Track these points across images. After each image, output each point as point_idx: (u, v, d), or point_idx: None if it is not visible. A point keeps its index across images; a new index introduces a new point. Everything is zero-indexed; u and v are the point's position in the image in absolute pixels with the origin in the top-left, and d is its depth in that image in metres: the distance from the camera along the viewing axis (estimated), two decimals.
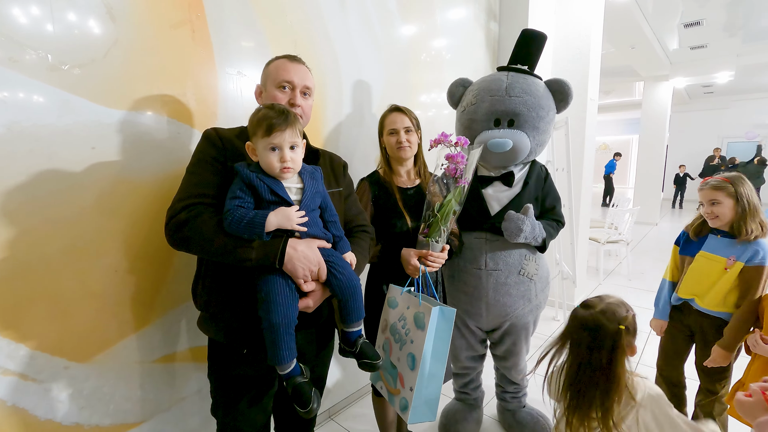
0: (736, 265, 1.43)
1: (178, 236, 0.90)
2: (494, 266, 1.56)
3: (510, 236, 1.48)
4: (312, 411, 0.89)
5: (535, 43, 1.61)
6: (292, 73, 1.06)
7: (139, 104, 1.14)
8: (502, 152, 1.50)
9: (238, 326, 0.99)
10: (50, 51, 0.98)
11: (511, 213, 1.48)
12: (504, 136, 1.49)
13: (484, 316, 1.60)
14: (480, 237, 1.58)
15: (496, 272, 1.56)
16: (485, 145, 1.48)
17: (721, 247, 1.48)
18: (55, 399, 1.06)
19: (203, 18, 1.26)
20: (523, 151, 1.52)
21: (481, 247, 1.57)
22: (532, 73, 1.63)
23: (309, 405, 0.88)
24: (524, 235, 1.46)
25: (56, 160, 1.00)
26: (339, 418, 1.95)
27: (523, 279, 1.57)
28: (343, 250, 1.03)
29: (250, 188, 0.90)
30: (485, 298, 1.57)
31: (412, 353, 1.17)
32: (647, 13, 4.92)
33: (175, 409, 1.33)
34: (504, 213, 1.52)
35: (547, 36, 1.62)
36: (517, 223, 1.45)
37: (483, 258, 1.56)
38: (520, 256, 1.57)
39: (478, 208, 1.56)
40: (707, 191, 1.48)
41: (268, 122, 0.89)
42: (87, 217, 1.07)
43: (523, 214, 1.47)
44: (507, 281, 1.56)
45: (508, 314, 1.59)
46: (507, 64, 1.66)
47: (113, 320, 1.15)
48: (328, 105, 1.71)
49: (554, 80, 1.62)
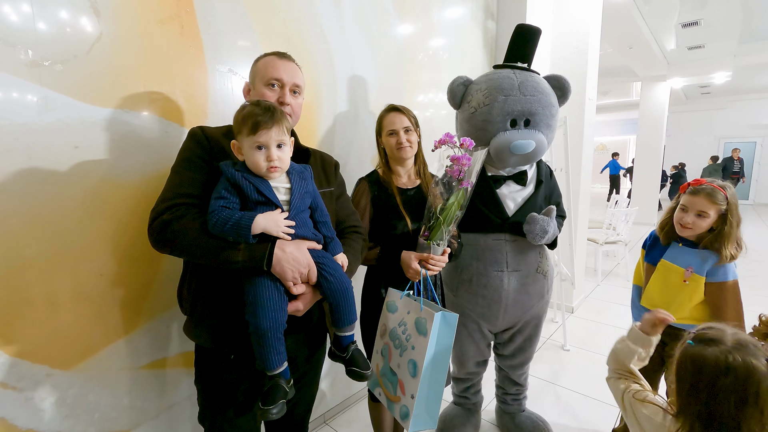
0: (694, 277, 1.30)
1: (162, 238, 0.87)
2: (516, 267, 1.54)
3: (534, 238, 1.46)
4: (267, 414, 0.83)
5: (532, 39, 1.59)
6: (281, 70, 1.02)
7: (126, 102, 1.10)
8: (525, 154, 1.47)
9: (225, 331, 0.95)
10: (31, 46, 0.94)
11: (534, 215, 1.46)
12: (525, 137, 1.46)
13: (501, 318, 1.58)
14: (499, 238, 1.54)
15: (518, 272, 1.55)
16: (509, 147, 1.45)
17: (681, 255, 1.35)
18: (36, 408, 1.02)
19: (192, 13, 1.22)
20: (543, 150, 1.51)
21: (502, 249, 1.54)
22: (531, 69, 1.60)
23: (269, 405, 0.84)
24: (548, 237, 1.46)
25: (37, 159, 0.97)
26: (334, 423, 1.91)
27: (539, 276, 1.58)
28: (334, 251, 1.00)
29: (236, 188, 0.87)
30: (506, 300, 1.55)
31: (414, 360, 1.13)
32: (645, 13, 4.91)
33: (164, 416, 1.29)
34: (520, 212, 1.51)
35: (541, 30, 1.59)
36: (542, 225, 1.44)
37: (504, 259, 1.54)
38: (535, 254, 1.58)
39: (495, 209, 1.53)
40: (699, 199, 1.29)
41: (253, 120, 0.85)
42: (71, 219, 1.03)
43: (546, 215, 1.46)
44: (527, 280, 1.56)
45: (525, 312, 1.59)
46: (505, 61, 1.62)
47: (99, 325, 1.11)
48: (323, 104, 1.68)
49: (553, 76, 1.60)
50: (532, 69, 1.61)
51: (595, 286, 3.91)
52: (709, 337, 0.76)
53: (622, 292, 3.79)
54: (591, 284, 3.92)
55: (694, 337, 0.79)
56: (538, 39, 1.59)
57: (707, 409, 0.72)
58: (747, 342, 0.73)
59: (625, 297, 3.63)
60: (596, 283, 3.97)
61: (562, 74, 1.63)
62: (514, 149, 1.45)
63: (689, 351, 0.77)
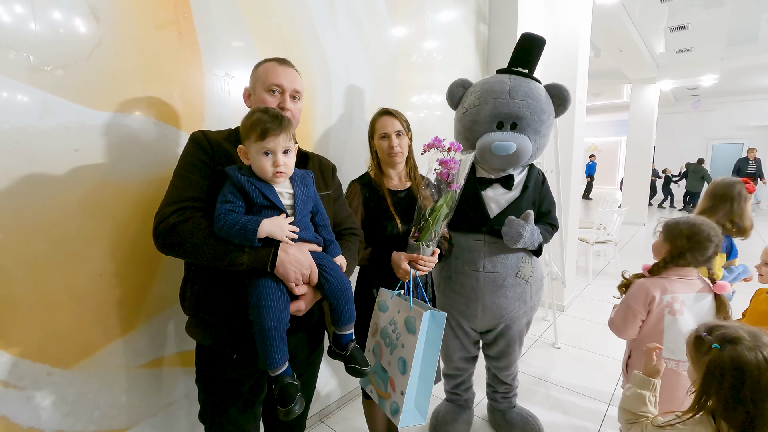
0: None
1: (168, 241, 0.89)
2: (492, 268, 1.56)
3: (510, 241, 1.48)
4: (292, 412, 0.87)
5: (535, 48, 1.62)
6: (281, 76, 1.05)
7: (125, 106, 1.12)
8: (505, 155, 1.50)
9: (227, 330, 0.98)
10: (32, 52, 0.96)
11: (512, 218, 1.48)
12: (507, 139, 1.49)
13: (480, 317, 1.61)
14: (478, 239, 1.57)
15: (494, 274, 1.56)
16: (490, 147, 1.49)
17: None
18: (37, 406, 1.04)
19: (190, 19, 1.24)
20: (525, 154, 1.52)
21: (479, 249, 1.57)
22: (532, 77, 1.63)
23: (290, 405, 0.87)
24: (524, 241, 1.47)
25: (38, 162, 0.98)
26: (330, 421, 1.94)
27: (520, 281, 1.58)
28: (333, 253, 1.03)
29: (242, 192, 0.90)
30: (482, 300, 1.57)
31: (403, 357, 1.17)
32: (634, 17, 5.00)
33: (163, 414, 1.31)
34: (503, 216, 1.52)
35: (545, 40, 1.62)
36: (517, 228, 1.46)
37: (481, 260, 1.56)
38: (517, 258, 1.57)
39: (477, 210, 1.56)
40: None
41: (262, 126, 0.88)
42: (71, 220, 1.05)
43: (523, 219, 1.47)
44: (504, 284, 1.56)
45: (503, 316, 1.60)
46: (507, 67, 1.66)
47: (98, 325, 1.13)
48: (318, 107, 1.71)
49: (553, 85, 1.63)
50: (534, 77, 1.64)
51: (585, 285, 3.97)
52: (730, 336, 0.78)
53: (612, 290, 3.82)
54: (582, 283, 3.99)
55: (714, 339, 0.80)
56: (540, 48, 1.62)
57: (755, 408, 0.73)
58: (760, 333, 0.78)
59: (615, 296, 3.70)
60: (587, 282, 4.03)
61: (553, 79, 1.67)
62: (495, 149, 1.49)
63: (725, 355, 0.77)
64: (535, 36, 1.61)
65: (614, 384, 2.20)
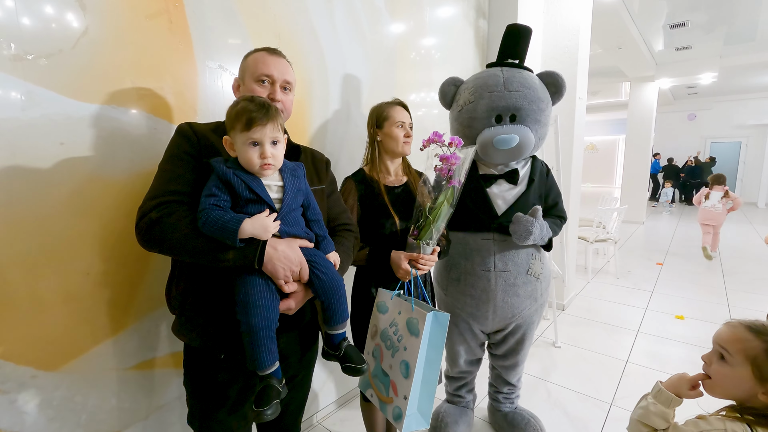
0: None
1: (149, 236, 0.85)
2: (503, 267, 1.52)
3: (519, 239, 1.44)
4: (262, 415, 0.82)
5: (522, 37, 1.59)
6: (271, 66, 1.01)
7: (113, 98, 1.08)
8: (508, 149, 1.46)
9: (214, 330, 0.94)
10: (13, 40, 0.91)
11: (519, 215, 1.44)
12: (509, 132, 1.46)
13: (491, 318, 1.57)
14: (488, 238, 1.53)
15: (506, 273, 1.52)
16: (492, 141, 1.45)
17: None
18: (21, 410, 1.00)
19: (181, 8, 1.20)
20: (529, 145, 1.49)
21: (490, 248, 1.53)
22: (524, 66, 1.60)
23: (263, 407, 0.82)
24: (533, 237, 1.43)
25: (21, 155, 0.94)
26: (326, 423, 1.90)
27: (530, 278, 1.55)
28: (326, 249, 0.99)
29: (227, 185, 0.85)
30: (493, 301, 1.53)
31: (406, 361, 1.13)
32: (634, 14, 4.98)
33: (154, 417, 1.27)
34: (511, 212, 1.49)
35: (532, 30, 1.59)
36: (526, 225, 1.42)
37: (492, 259, 1.53)
38: (527, 255, 1.54)
39: (484, 208, 1.52)
40: None
41: (247, 116, 0.84)
42: (56, 217, 1.01)
43: (531, 215, 1.43)
44: (516, 282, 1.53)
45: (514, 315, 1.56)
46: (497, 60, 1.63)
47: (86, 325, 1.09)
48: (314, 101, 1.67)
49: (546, 73, 1.60)
50: (525, 66, 1.60)
51: (585, 283, 3.95)
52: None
53: (611, 289, 3.83)
54: (581, 282, 3.97)
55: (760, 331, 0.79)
56: (528, 37, 1.59)
57: None
58: None
59: (615, 294, 3.68)
60: (586, 281, 4.01)
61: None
62: (497, 144, 1.45)
63: None
64: (520, 25, 1.58)
65: (615, 383, 2.17)
